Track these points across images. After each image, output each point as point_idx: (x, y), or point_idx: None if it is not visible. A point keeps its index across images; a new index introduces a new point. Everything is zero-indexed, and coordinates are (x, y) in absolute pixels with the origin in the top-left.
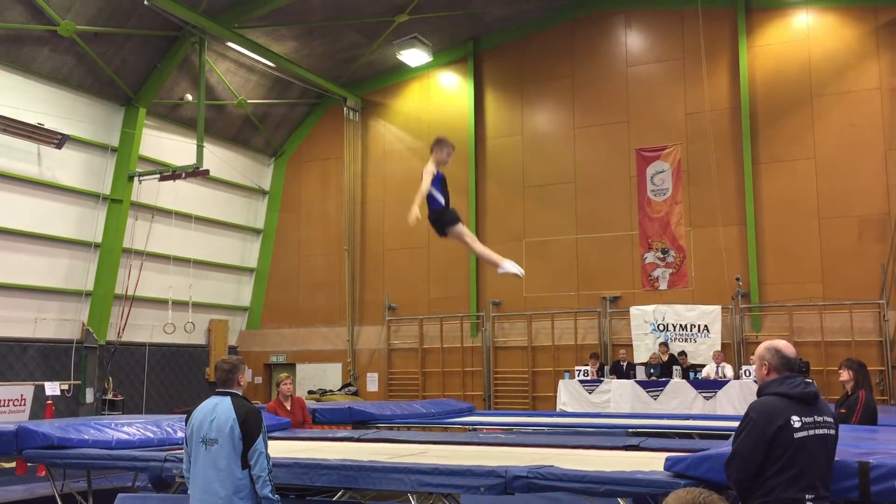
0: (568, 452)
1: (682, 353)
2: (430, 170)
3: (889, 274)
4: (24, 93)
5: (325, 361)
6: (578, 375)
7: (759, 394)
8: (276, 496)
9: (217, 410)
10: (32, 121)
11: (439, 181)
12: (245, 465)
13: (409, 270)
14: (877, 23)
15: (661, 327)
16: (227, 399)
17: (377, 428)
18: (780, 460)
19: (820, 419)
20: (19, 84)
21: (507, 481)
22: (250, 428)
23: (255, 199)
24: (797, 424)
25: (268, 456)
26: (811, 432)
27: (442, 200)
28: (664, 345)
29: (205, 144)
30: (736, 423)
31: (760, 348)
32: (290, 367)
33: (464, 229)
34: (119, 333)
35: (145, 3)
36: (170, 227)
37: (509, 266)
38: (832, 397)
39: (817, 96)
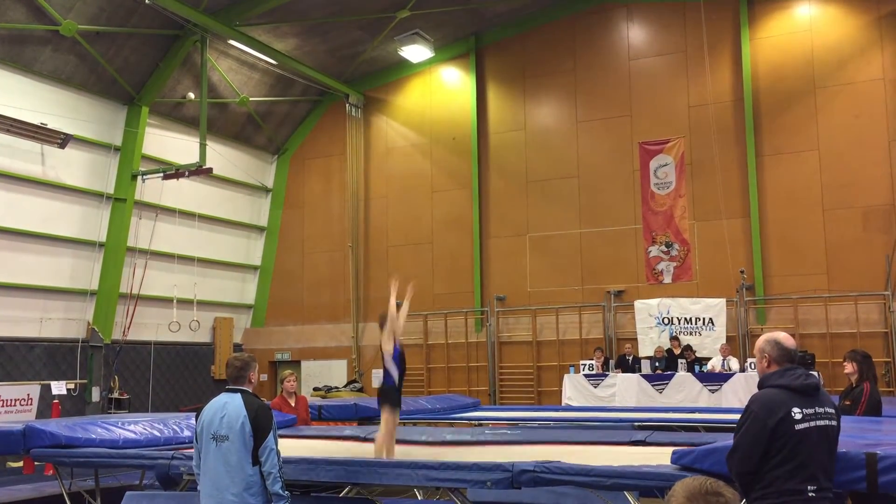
0: (574, 447)
1: (688, 348)
2: (387, 349)
3: (894, 265)
4: (26, 93)
5: (330, 358)
6: (583, 370)
7: (759, 386)
8: (287, 492)
9: (228, 407)
10: (35, 121)
11: (398, 357)
12: (256, 461)
13: (413, 266)
14: (879, 13)
15: (666, 321)
16: (238, 396)
17: None
18: (781, 452)
19: (821, 410)
20: (22, 84)
21: (514, 475)
22: (261, 425)
23: (258, 197)
24: (798, 416)
25: (278, 452)
26: (812, 424)
27: (395, 376)
28: (675, 339)
29: (207, 143)
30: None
31: (760, 341)
32: (295, 364)
33: (389, 418)
34: (124, 332)
35: (146, 1)
36: (174, 226)
37: None
38: (838, 389)
39: (820, 88)
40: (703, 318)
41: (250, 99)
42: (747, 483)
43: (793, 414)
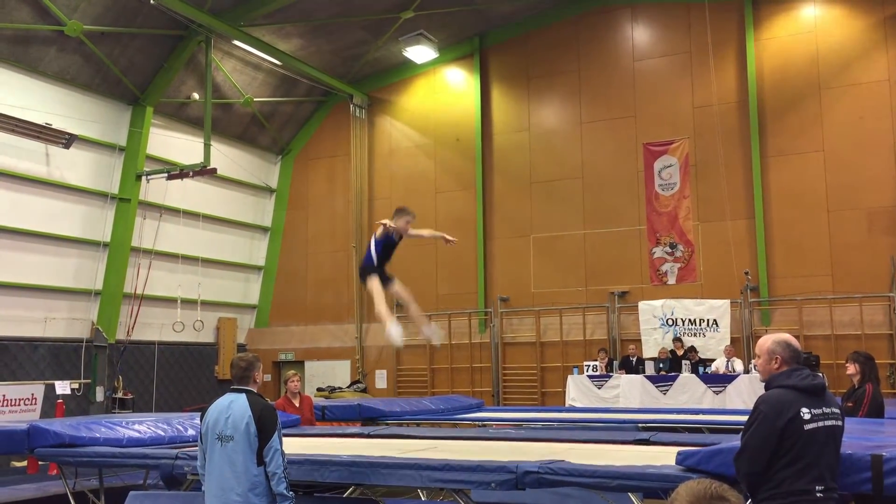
0: (578, 447)
1: (692, 349)
2: (378, 232)
3: None
4: (31, 93)
5: (333, 359)
6: (587, 371)
7: (767, 387)
8: (291, 493)
9: (233, 407)
10: (40, 121)
11: (382, 243)
12: (260, 461)
13: (417, 267)
14: (884, 14)
15: (670, 322)
16: (243, 396)
17: (386, 425)
18: (789, 453)
19: (828, 411)
20: (27, 84)
21: (518, 476)
22: (266, 425)
23: (262, 197)
24: (807, 416)
25: (283, 453)
26: (820, 424)
27: (375, 259)
28: (678, 340)
29: (212, 143)
30: (746, 418)
31: (768, 342)
32: (298, 364)
33: (375, 285)
34: (128, 332)
35: (151, 2)
36: (178, 226)
37: (392, 329)
38: (842, 390)
39: (825, 89)
40: (707, 320)
41: (254, 99)
42: (755, 484)
43: (802, 414)
